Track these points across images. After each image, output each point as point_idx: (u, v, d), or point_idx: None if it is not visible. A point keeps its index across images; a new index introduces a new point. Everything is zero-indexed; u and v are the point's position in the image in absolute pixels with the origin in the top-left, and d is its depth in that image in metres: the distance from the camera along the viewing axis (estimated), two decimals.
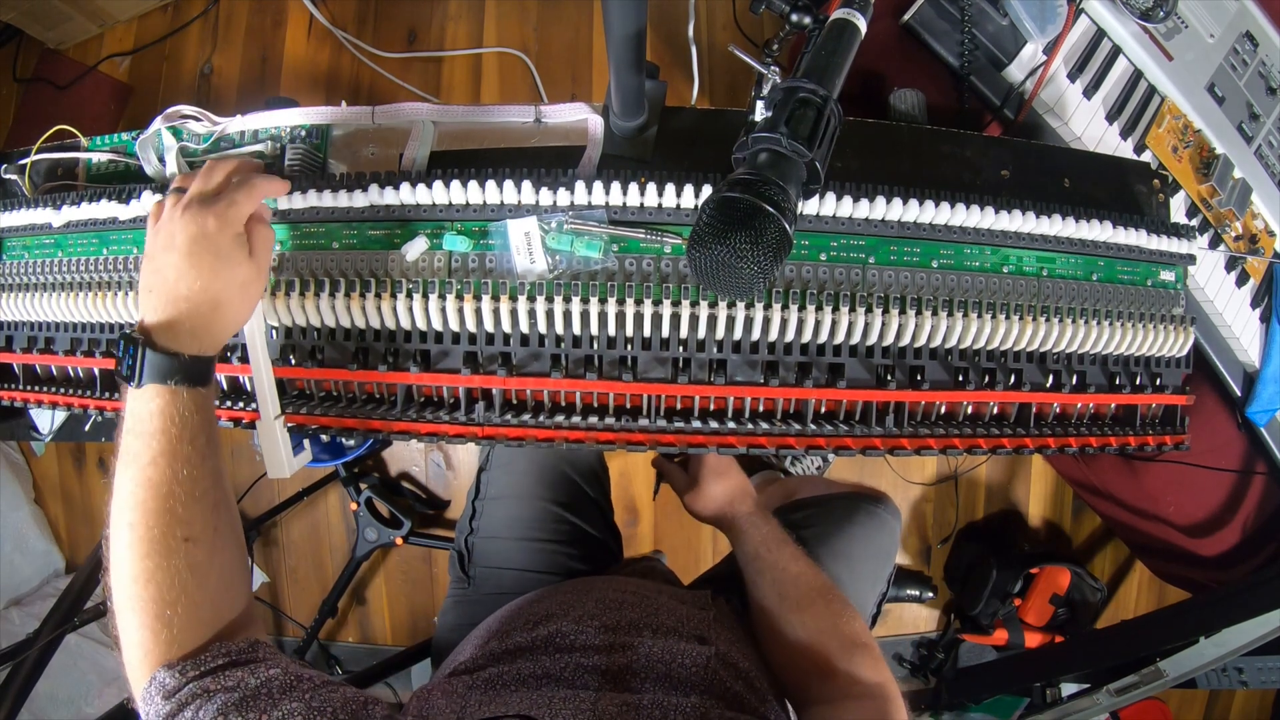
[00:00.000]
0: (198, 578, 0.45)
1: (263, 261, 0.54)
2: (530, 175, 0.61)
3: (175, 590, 0.44)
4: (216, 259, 0.49)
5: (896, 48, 0.87)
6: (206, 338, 0.50)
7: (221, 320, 0.51)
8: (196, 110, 0.69)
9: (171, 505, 0.45)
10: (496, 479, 0.85)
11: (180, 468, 0.46)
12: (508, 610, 0.64)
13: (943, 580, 1.63)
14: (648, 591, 0.62)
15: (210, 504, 0.47)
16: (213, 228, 0.49)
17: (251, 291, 0.53)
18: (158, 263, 0.50)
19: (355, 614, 1.63)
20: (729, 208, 0.41)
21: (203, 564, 0.46)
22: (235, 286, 0.51)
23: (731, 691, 0.51)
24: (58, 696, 1.48)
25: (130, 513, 0.45)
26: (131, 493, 0.45)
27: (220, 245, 0.50)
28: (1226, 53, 0.89)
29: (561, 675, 0.49)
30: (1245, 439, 0.93)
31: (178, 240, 0.49)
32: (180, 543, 0.45)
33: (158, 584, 0.44)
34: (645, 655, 0.51)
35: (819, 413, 0.65)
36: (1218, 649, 0.97)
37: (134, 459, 0.46)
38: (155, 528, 0.44)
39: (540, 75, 1.59)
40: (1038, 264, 0.67)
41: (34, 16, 1.53)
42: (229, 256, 0.50)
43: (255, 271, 0.53)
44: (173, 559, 0.44)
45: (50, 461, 1.67)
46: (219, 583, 0.47)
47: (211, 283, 0.49)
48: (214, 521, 0.47)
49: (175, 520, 0.45)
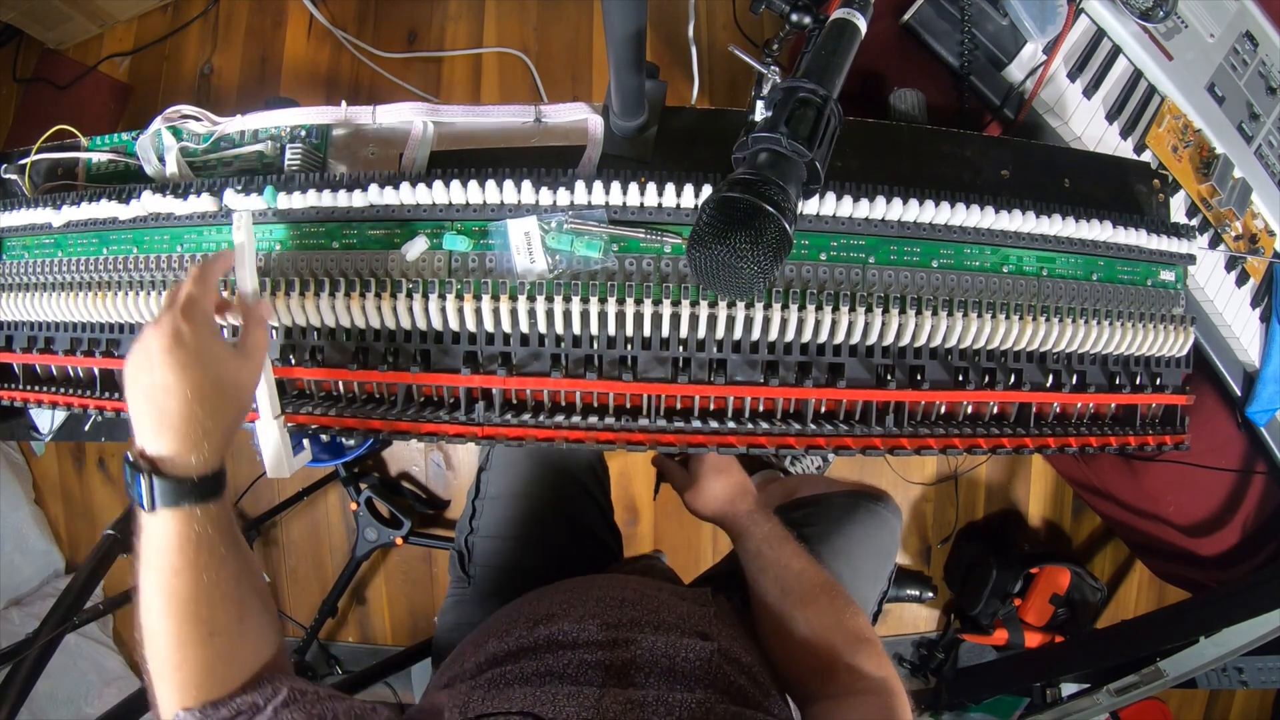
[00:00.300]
0: (224, 661, 0.47)
1: (254, 355, 0.53)
2: (530, 175, 0.61)
3: (204, 672, 0.46)
4: (196, 364, 0.47)
5: (896, 48, 0.87)
6: (210, 451, 0.47)
7: (221, 427, 0.49)
8: (196, 110, 0.69)
9: (195, 609, 0.46)
10: (496, 479, 0.85)
11: (201, 575, 0.46)
12: (507, 610, 0.64)
13: (943, 580, 1.63)
14: (648, 588, 0.62)
15: (234, 599, 0.48)
16: (185, 332, 0.47)
17: (246, 388, 0.52)
18: (140, 386, 0.47)
19: (355, 614, 1.63)
20: (729, 208, 0.41)
21: (227, 652, 0.47)
22: (227, 388, 0.49)
23: (735, 685, 0.51)
24: (58, 696, 1.49)
25: (157, 610, 0.46)
26: (154, 596, 0.46)
27: (197, 348, 0.47)
28: (1226, 52, 0.89)
29: (564, 672, 0.49)
30: (1245, 439, 0.93)
31: (154, 357, 0.46)
32: (207, 638, 0.46)
33: (185, 671, 0.46)
34: (648, 651, 0.51)
35: (819, 412, 0.65)
36: (1218, 649, 0.97)
37: (155, 570, 0.46)
38: (182, 626, 0.46)
39: (540, 75, 1.59)
40: (1038, 264, 0.67)
41: (34, 16, 1.53)
42: (210, 356, 0.48)
43: (247, 367, 0.52)
44: (202, 651, 0.46)
45: (50, 461, 1.67)
46: (247, 655, 0.49)
47: (200, 390, 0.47)
48: (239, 612, 0.48)
49: (200, 621, 0.46)
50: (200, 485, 0.47)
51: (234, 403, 0.51)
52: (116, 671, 1.59)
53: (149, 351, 0.47)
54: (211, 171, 0.70)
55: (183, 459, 0.46)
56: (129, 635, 1.66)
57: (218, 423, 0.48)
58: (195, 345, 0.47)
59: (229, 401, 0.50)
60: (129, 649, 1.64)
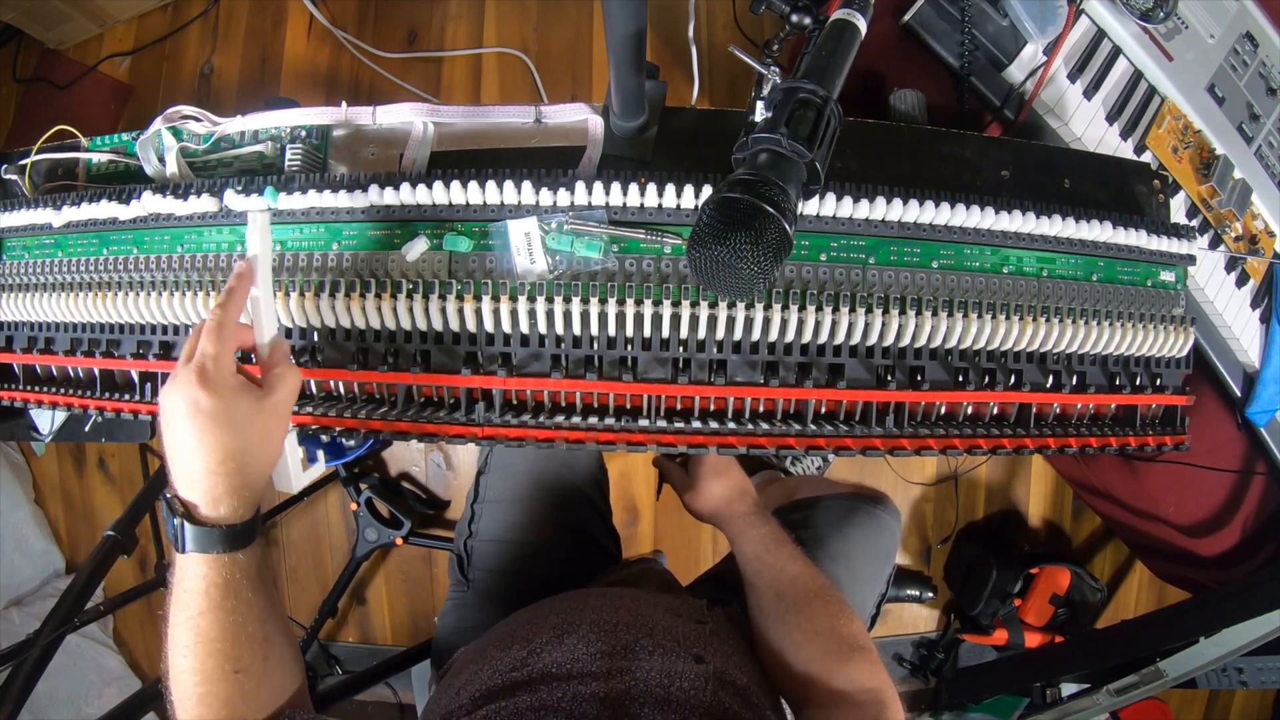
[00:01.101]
0: (248, 700, 0.47)
1: (281, 408, 0.50)
2: (530, 175, 0.61)
3: (226, 707, 0.46)
4: (219, 426, 0.46)
5: (896, 48, 0.87)
6: (240, 503, 0.47)
7: (253, 477, 0.49)
8: (196, 110, 0.69)
9: (222, 648, 0.46)
10: (495, 482, 0.85)
11: (228, 618, 0.47)
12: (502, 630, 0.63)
13: (943, 580, 1.63)
14: (643, 607, 0.62)
15: (260, 639, 0.48)
16: (206, 402, 0.45)
17: (274, 441, 0.51)
18: (169, 439, 0.47)
19: (355, 614, 1.62)
20: (729, 208, 0.41)
21: (252, 690, 0.48)
22: (253, 445, 0.48)
23: (730, 711, 0.51)
24: (58, 696, 1.49)
25: (184, 647, 0.46)
26: (183, 634, 0.46)
27: (222, 415, 0.46)
28: (1226, 53, 0.89)
29: (560, 706, 0.49)
30: (1245, 439, 0.93)
31: (175, 418, 0.46)
32: (231, 675, 0.47)
33: (208, 705, 0.46)
34: (643, 680, 0.51)
35: (819, 413, 0.64)
36: (1218, 649, 0.97)
37: (184, 608, 0.47)
38: (207, 663, 0.46)
39: (540, 75, 1.59)
40: (1038, 264, 0.67)
41: (34, 16, 1.53)
42: (234, 417, 0.46)
43: (272, 419, 0.50)
44: (225, 688, 0.46)
45: (50, 461, 1.67)
46: (269, 694, 0.49)
47: (225, 453, 0.46)
48: (263, 652, 0.48)
49: (225, 658, 0.46)
50: (229, 534, 0.47)
51: (263, 458, 0.50)
52: (116, 671, 1.59)
53: (171, 412, 0.46)
54: (212, 172, 0.70)
55: (212, 511, 0.47)
56: (129, 635, 1.66)
57: (246, 479, 0.48)
58: (215, 410, 0.46)
59: (256, 459, 0.49)
60: (129, 649, 1.65)
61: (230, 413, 0.46)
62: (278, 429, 0.51)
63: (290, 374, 0.52)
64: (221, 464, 0.46)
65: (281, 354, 0.53)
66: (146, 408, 0.67)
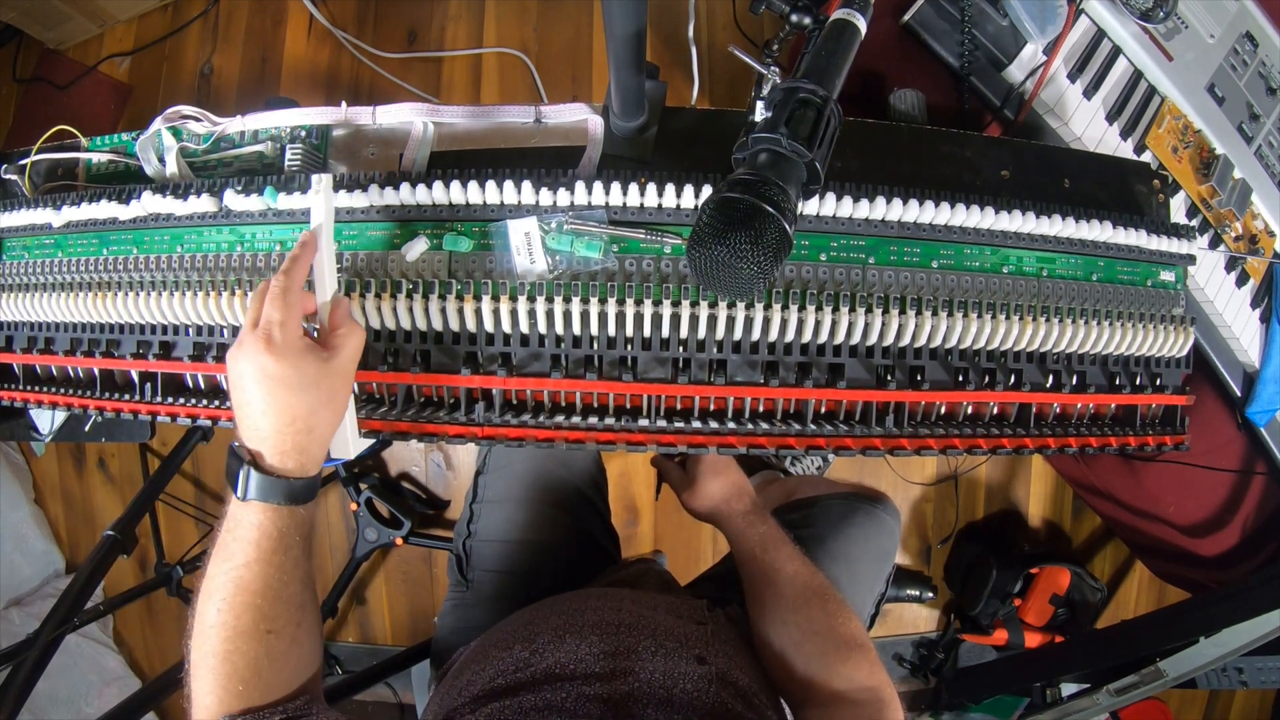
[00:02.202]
0: (275, 664, 0.47)
1: (346, 366, 0.51)
2: (530, 175, 0.61)
3: (252, 670, 0.46)
4: (287, 389, 0.47)
5: (896, 48, 0.87)
6: (305, 460, 0.49)
7: (319, 438, 0.50)
8: (196, 110, 0.69)
9: (259, 603, 0.47)
10: (494, 482, 0.85)
11: (272, 573, 0.47)
12: (503, 629, 0.63)
13: (943, 580, 1.63)
14: (644, 608, 0.62)
15: (296, 604, 0.49)
16: (274, 367, 0.46)
17: (340, 400, 0.51)
18: (237, 399, 0.48)
19: (355, 614, 1.62)
20: (729, 208, 0.41)
21: (281, 654, 0.48)
22: (321, 404, 0.49)
23: (733, 712, 0.51)
24: (58, 696, 1.49)
25: (220, 600, 0.46)
26: (223, 584, 0.46)
27: (290, 378, 0.47)
28: (1226, 53, 0.89)
29: (564, 706, 0.49)
30: (1245, 439, 0.93)
31: (243, 382, 0.47)
32: (264, 634, 0.47)
33: (234, 664, 0.46)
34: (647, 681, 0.52)
35: (819, 413, 0.64)
36: (1218, 649, 0.97)
37: (229, 557, 0.47)
38: (242, 617, 0.46)
39: (540, 75, 1.59)
40: (1038, 264, 0.67)
41: (34, 16, 1.53)
42: (302, 379, 0.47)
43: (338, 379, 0.50)
44: (255, 646, 0.46)
45: (50, 461, 1.67)
46: (295, 666, 0.49)
47: (293, 413, 0.47)
48: (298, 618, 0.49)
49: (260, 615, 0.46)
50: (292, 487, 0.48)
51: (329, 417, 0.50)
52: (116, 671, 1.59)
53: (240, 376, 0.47)
54: (211, 172, 0.70)
55: (279, 462, 0.48)
56: (129, 635, 1.66)
57: (313, 437, 0.49)
58: (282, 375, 0.47)
59: (323, 418, 0.50)
60: (129, 649, 1.65)
61: (298, 376, 0.47)
62: (343, 388, 0.52)
63: (354, 333, 0.52)
64: (290, 424, 0.48)
65: (343, 313, 0.53)
66: (146, 408, 0.67)
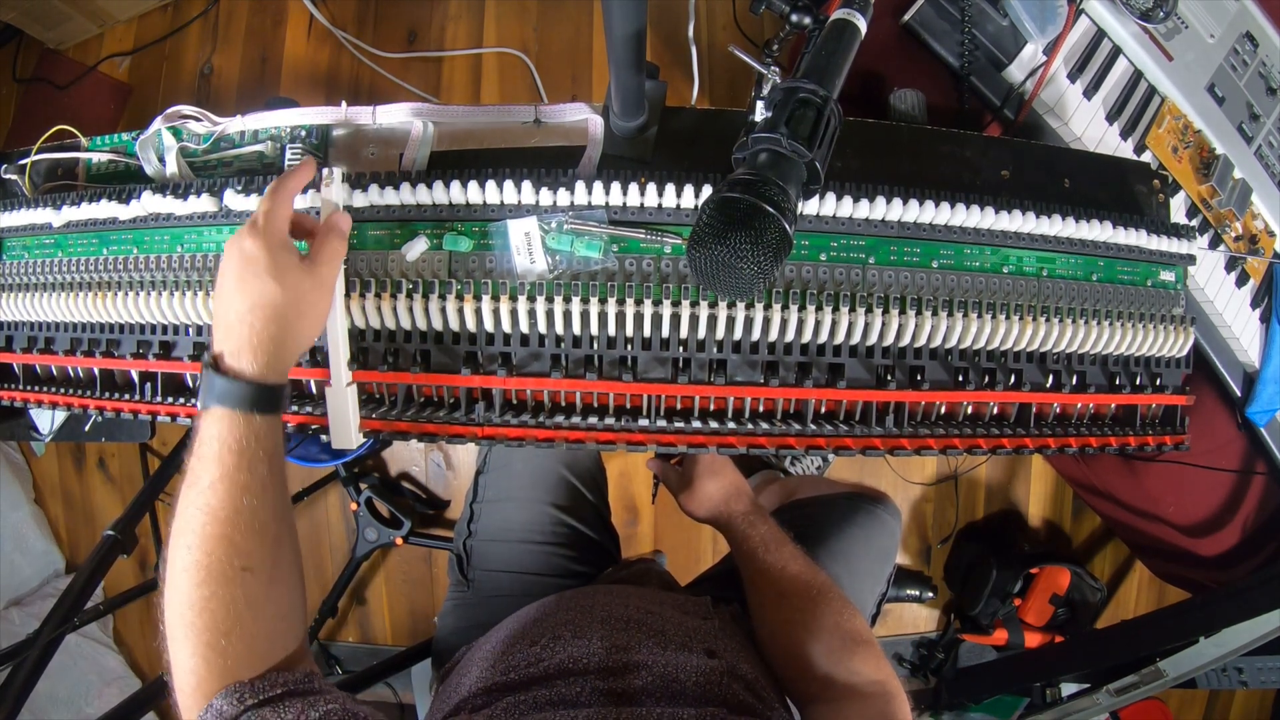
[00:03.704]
0: (254, 610, 0.44)
1: (324, 271, 0.51)
2: (530, 175, 0.61)
3: (230, 620, 0.43)
4: (257, 275, 0.47)
5: (896, 48, 0.87)
6: (267, 361, 0.47)
7: (281, 341, 0.48)
8: (196, 110, 0.69)
9: (230, 533, 0.44)
10: (494, 482, 0.85)
11: (240, 495, 0.45)
12: (509, 627, 0.63)
13: (943, 580, 1.63)
14: (650, 604, 0.62)
15: (271, 538, 0.46)
16: (250, 247, 0.48)
17: (311, 302, 0.51)
18: (217, 294, 0.49)
19: (355, 614, 1.62)
20: (729, 208, 0.41)
21: (259, 597, 0.45)
22: (289, 302, 0.48)
23: (745, 704, 0.51)
24: (58, 696, 1.49)
25: (189, 535, 0.44)
26: (192, 516, 0.44)
27: (261, 261, 0.47)
28: (1226, 53, 0.89)
29: (577, 700, 0.49)
30: (1245, 439, 0.92)
31: (224, 268, 0.48)
32: (238, 572, 0.44)
33: (212, 612, 0.43)
34: (659, 674, 0.51)
35: (819, 413, 0.65)
36: (1218, 649, 0.97)
37: (195, 482, 0.45)
38: (213, 554, 0.44)
39: (540, 75, 1.59)
40: (1038, 264, 0.67)
41: (34, 16, 1.53)
42: (275, 269, 0.48)
43: (311, 281, 0.50)
44: (229, 588, 0.43)
45: (50, 461, 1.67)
46: (275, 616, 0.46)
47: (256, 302, 0.47)
48: (274, 555, 0.46)
49: (234, 549, 0.44)
50: (252, 391, 0.46)
51: (294, 320, 0.49)
52: (116, 671, 1.59)
53: (222, 264, 0.49)
54: (211, 172, 0.70)
55: (235, 361, 0.47)
56: (129, 635, 1.66)
57: (274, 334, 0.48)
58: (256, 257, 0.48)
59: (288, 318, 0.49)
60: (129, 649, 1.65)
61: (272, 263, 0.48)
62: (315, 296, 0.51)
63: (338, 244, 0.53)
64: (251, 311, 0.47)
65: (331, 223, 0.54)
66: (146, 407, 0.67)
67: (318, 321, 0.52)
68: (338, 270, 0.53)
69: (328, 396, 0.60)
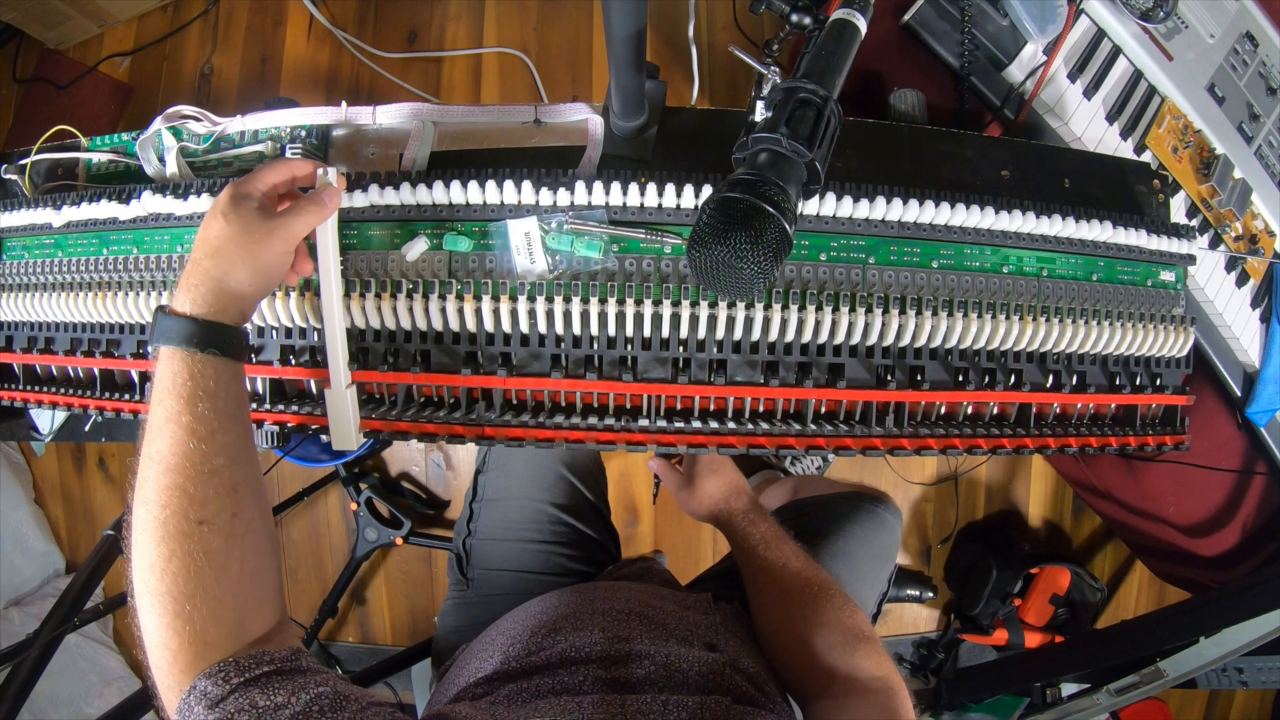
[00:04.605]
0: (215, 567, 0.42)
1: (284, 219, 0.51)
2: (530, 175, 0.61)
3: (192, 582, 0.41)
4: (217, 221, 0.49)
5: (896, 48, 0.87)
6: (211, 296, 0.48)
7: (224, 278, 0.49)
8: (196, 110, 0.69)
9: (181, 482, 0.43)
10: (493, 481, 0.85)
11: (186, 439, 0.43)
12: (512, 620, 0.63)
13: (943, 580, 1.63)
14: (651, 598, 0.62)
15: (226, 485, 0.44)
16: (224, 197, 0.50)
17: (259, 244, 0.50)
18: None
19: (355, 614, 1.62)
20: (729, 208, 0.41)
21: (219, 551, 0.43)
22: (243, 246, 0.49)
23: (747, 695, 0.51)
24: (58, 696, 1.49)
25: (145, 489, 0.43)
26: (145, 467, 0.44)
27: (225, 211, 0.50)
28: (1226, 53, 0.89)
29: (580, 688, 0.49)
30: (1245, 439, 0.93)
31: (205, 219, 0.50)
32: (194, 525, 0.42)
33: (173, 574, 0.41)
34: (662, 665, 0.52)
35: (819, 413, 0.65)
36: (1218, 649, 0.97)
37: (146, 432, 0.45)
38: (167, 507, 0.42)
39: (540, 75, 1.59)
40: (1038, 264, 0.67)
41: (34, 16, 1.53)
42: (229, 209, 0.50)
43: (265, 225, 0.50)
44: (187, 544, 0.42)
45: (50, 461, 1.67)
46: (240, 574, 0.44)
47: (207, 237, 0.49)
48: (231, 505, 0.44)
49: (187, 500, 0.42)
50: (190, 326, 0.47)
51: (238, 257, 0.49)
52: (116, 671, 1.59)
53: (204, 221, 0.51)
54: (212, 172, 0.70)
55: (179, 299, 0.48)
56: (129, 636, 1.65)
57: (221, 275, 0.49)
58: (224, 209, 0.50)
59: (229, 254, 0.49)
60: (129, 649, 1.64)
61: (236, 214, 0.50)
62: (266, 240, 0.50)
63: (312, 207, 0.54)
64: (206, 255, 0.49)
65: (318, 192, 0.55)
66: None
67: (266, 269, 0.51)
68: (300, 228, 0.53)
69: (327, 397, 0.60)
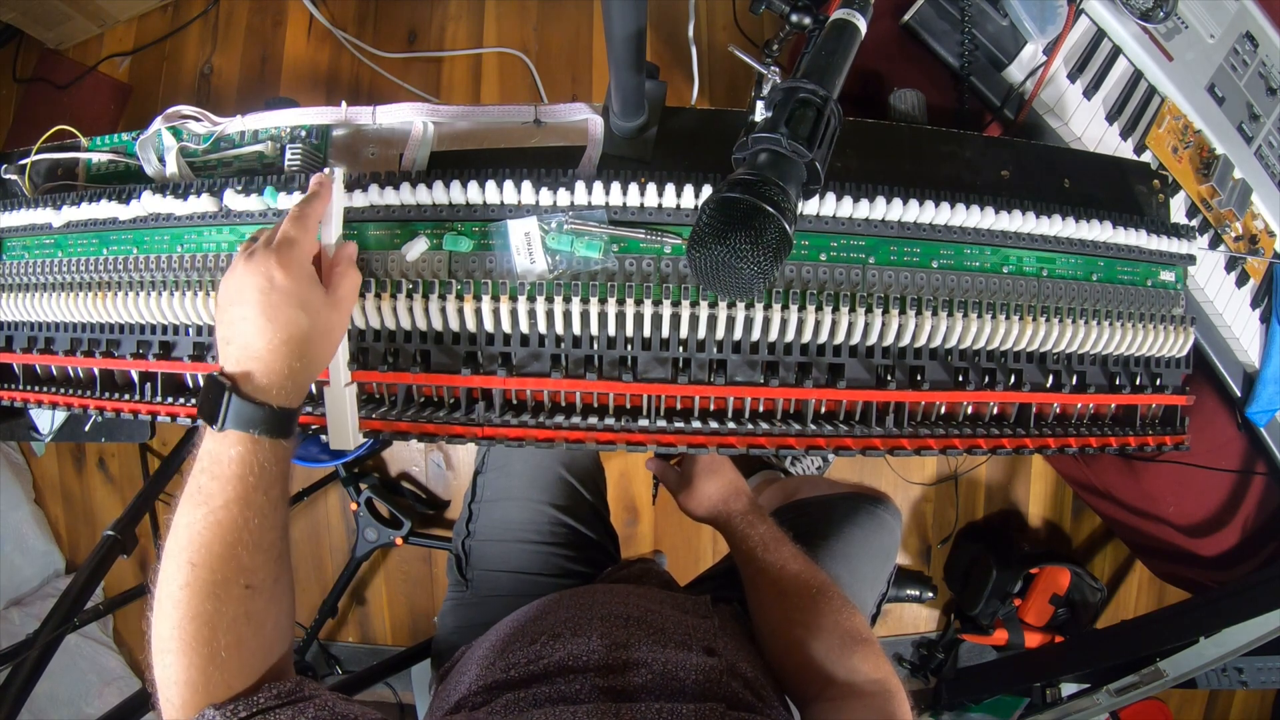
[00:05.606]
0: (254, 625, 0.44)
1: (344, 302, 0.53)
2: (530, 175, 0.61)
3: (231, 635, 0.43)
4: (290, 305, 0.47)
5: (896, 48, 0.87)
6: (292, 388, 0.48)
7: (306, 370, 0.49)
8: (196, 110, 0.69)
9: (238, 552, 0.44)
10: (493, 482, 0.85)
11: (252, 516, 0.45)
12: (509, 625, 0.63)
13: (943, 580, 1.63)
14: (650, 603, 0.62)
15: (275, 555, 0.47)
16: (282, 279, 0.47)
17: (335, 334, 0.52)
18: (230, 314, 0.48)
19: (355, 614, 1.62)
20: (729, 208, 0.41)
21: (260, 613, 0.45)
22: (317, 334, 0.49)
23: (744, 701, 0.51)
24: (58, 696, 1.49)
25: (194, 552, 0.44)
26: (199, 532, 0.44)
27: (291, 293, 0.47)
28: (1226, 53, 0.89)
29: (577, 697, 0.49)
30: (1245, 439, 0.93)
31: (246, 293, 0.47)
32: (242, 589, 0.44)
33: (213, 627, 0.43)
34: (659, 672, 0.52)
35: (819, 413, 0.64)
36: (1218, 649, 0.97)
37: (205, 500, 0.44)
38: (219, 571, 0.43)
39: (540, 75, 1.59)
40: (1038, 264, 0.67)
41: (34, 16, 1.52)
42: (304, 301, 0.48)
43: (336, 314, 0.51)
44: (233, 605, 0.44)
45: (50, 461, 1.67)
46: (273, 631, 0.46)
47: (290, 334, 0.47)
48: (276, 572, 0.47)
49: (240, 567, 0.44)
50: (274, 416, 0.46)
51: (322, 349, 0.51)
52: (116, 671, 1.59)
53: (243, 288, 0.47)
54: (211, 172, 0.70)
55: (268, 386, 0.47)
56: (129, 635, 1.66)
57: (305, 365, 0.48)
58: (288, 290, 0.47)
59: (316, 348, 0.50)
60: (129, 649, 1.64)
61: (302, 296, 0.48)
62: (339, 325, 0.52)
63: (352, 273, 0.54)
64: (284, 343, 0.47)
65: (346, 254, 0.55)
66: (146, 408, 0.67)
67: (334, 350, 0.54)
68: (354, 301, 0.55)
69: (327, 397, 0.60)
